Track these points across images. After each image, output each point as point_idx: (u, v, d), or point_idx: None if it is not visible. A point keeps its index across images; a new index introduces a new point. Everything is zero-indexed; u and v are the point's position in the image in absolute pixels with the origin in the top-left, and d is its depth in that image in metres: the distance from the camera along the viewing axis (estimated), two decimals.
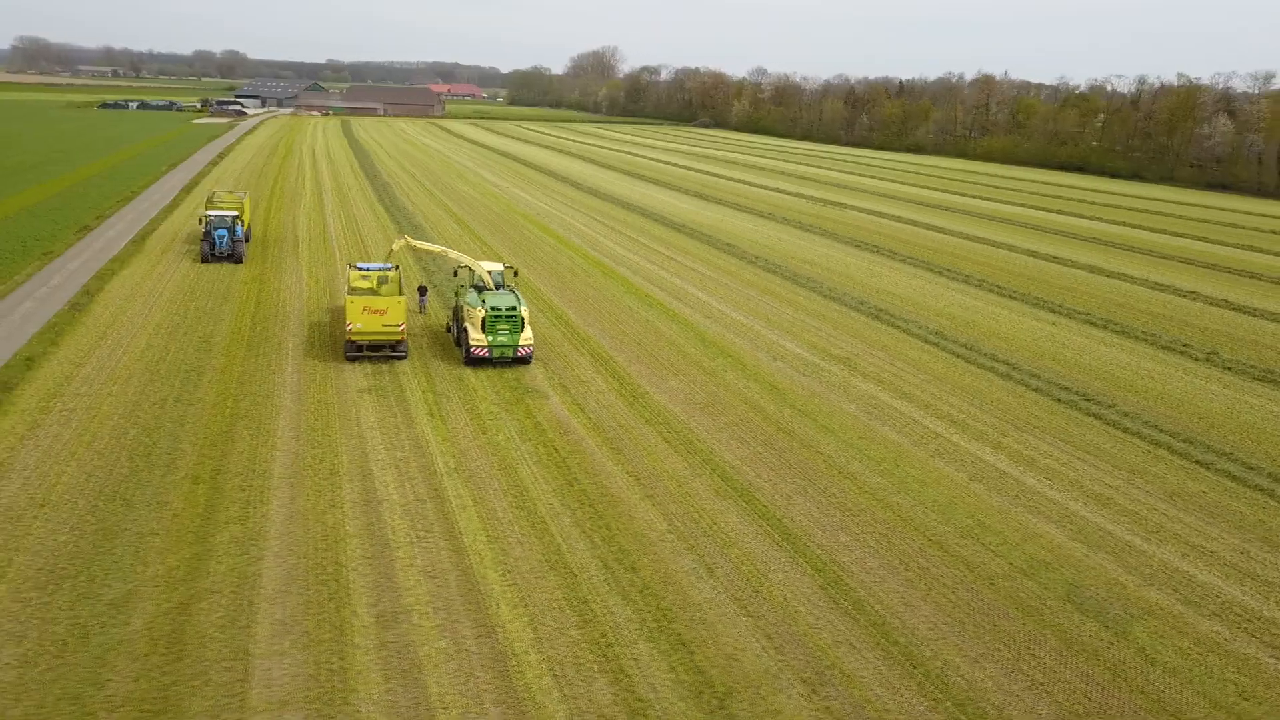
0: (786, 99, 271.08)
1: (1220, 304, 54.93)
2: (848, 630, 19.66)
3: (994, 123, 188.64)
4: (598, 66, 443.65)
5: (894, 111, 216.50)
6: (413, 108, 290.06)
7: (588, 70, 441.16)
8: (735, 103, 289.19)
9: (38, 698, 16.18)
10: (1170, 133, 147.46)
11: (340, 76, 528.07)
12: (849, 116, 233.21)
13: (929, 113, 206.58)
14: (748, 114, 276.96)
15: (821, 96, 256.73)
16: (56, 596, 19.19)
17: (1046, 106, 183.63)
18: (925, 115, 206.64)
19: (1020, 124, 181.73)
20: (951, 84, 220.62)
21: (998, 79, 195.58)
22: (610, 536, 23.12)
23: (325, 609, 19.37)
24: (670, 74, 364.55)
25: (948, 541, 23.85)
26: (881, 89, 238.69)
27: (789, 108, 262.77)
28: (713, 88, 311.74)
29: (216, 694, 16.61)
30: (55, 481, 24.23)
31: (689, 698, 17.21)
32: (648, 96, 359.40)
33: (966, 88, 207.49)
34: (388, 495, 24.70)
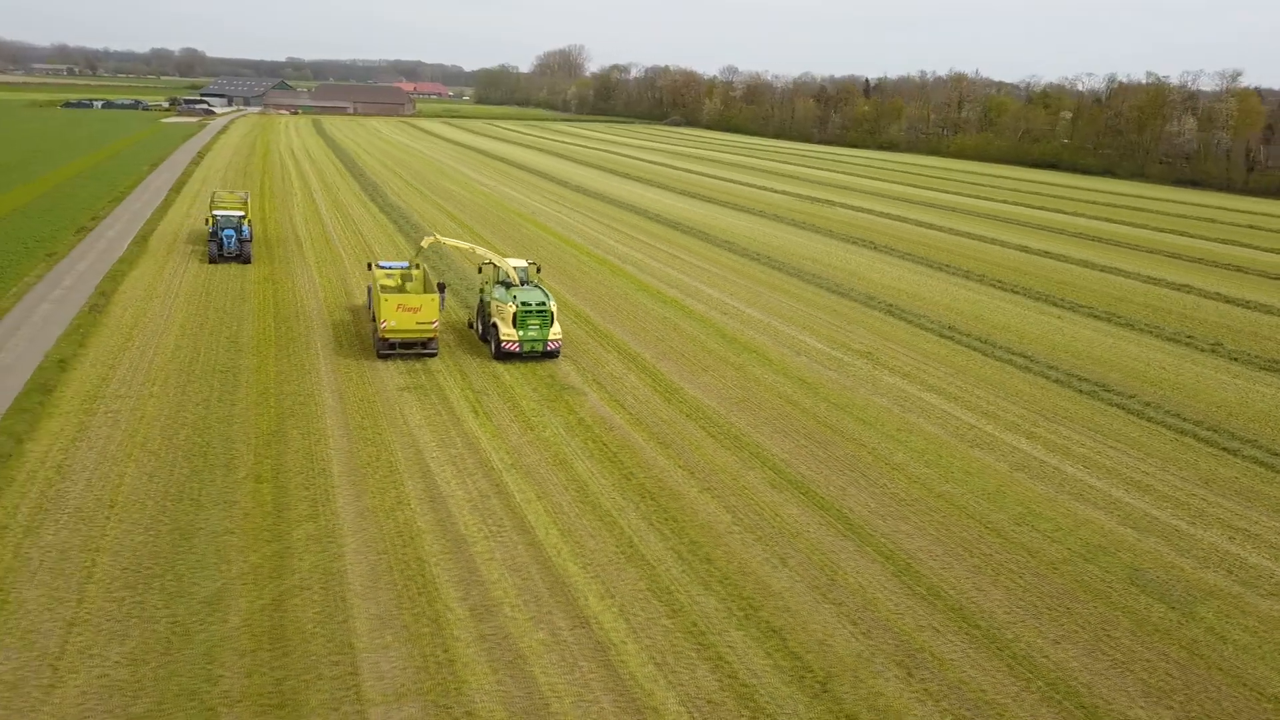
0: (758, 97, 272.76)
1: (1214, 297, 56.35)
2: (928, 615, 20.18)
3: (966, 121, 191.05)
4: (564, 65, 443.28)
5: (866, 110, 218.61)
6: (383, 106, 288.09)
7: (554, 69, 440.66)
8: (707, 101, 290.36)
9: (155, 694, 16.25)
10: (1140, 130, 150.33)
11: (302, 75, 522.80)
12: (821, 115, 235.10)
13: (901, 111, 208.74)
14: (719, 112, 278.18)
15: (793, 95, 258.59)
16: (148, 595, 19.21)
17: (1017, 105, 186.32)
18: (898, 113, 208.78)
19: (992, 122, 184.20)
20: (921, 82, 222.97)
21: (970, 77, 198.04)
22: (679, 529, 23.48)
23: (417, 603, 19.56)
24: (640, 72, 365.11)
25: (1003, 528, 24.48)
26: (852, 87, 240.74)
27: (761, 106, 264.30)
28: (684, 86, 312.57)
29: (330, 687, 16.77)
30: (118, 483, 24.15)
31: (791, 682, 17.63)
32: (618, 95, 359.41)
33: (931, 86, 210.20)
34: (451, 492, 24.88)
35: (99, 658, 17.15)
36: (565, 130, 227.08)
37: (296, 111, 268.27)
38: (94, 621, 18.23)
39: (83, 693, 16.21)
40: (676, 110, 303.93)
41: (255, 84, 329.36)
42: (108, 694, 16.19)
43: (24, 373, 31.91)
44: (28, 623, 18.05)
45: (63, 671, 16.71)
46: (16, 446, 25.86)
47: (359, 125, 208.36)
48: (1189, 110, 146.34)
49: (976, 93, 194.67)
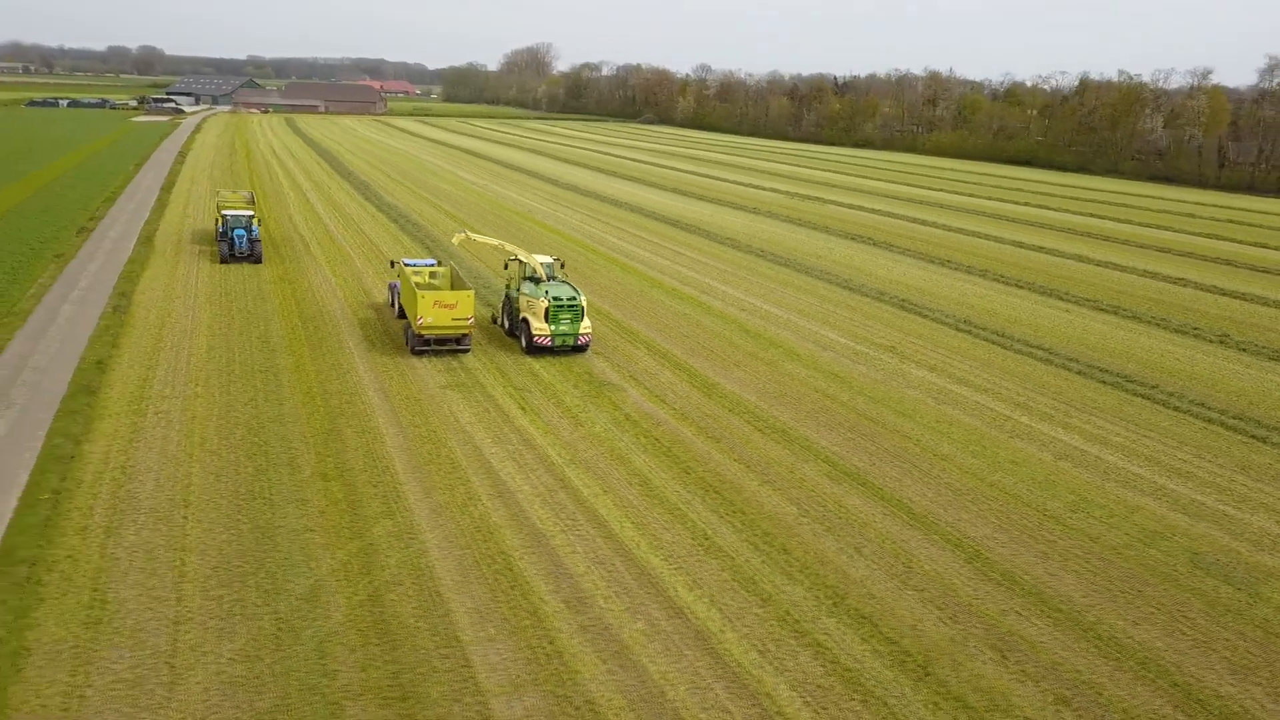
0: (731, 96, 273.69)
1: (1211, 290, 57.66)
2: (1007, 600, 20.70)
3: (940, 119, 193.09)
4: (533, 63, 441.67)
5: (839, 108, 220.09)
6: (354, 105, 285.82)
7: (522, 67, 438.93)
8: (680, 100, 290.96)
9: (277, 690, 16.35)
10: (1113, 127, 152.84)
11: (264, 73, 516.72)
12: (794, 113, 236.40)
13: (876, 109, 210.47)
14: (693, 111, 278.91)
15: (766, 93, 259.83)
16: (245, 593, 19.26)
17: (991, 103, 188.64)
18: (872, 111, 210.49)
19: (966, 120, 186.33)
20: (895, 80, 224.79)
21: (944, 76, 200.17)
22: (748, 521, 23.84)
23: (511, 597, 19.76)
24: (612, 71, 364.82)
25: (1061, 516, 25.09)
26: (825, 85, 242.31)
27: (734, 104, 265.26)
28: (656, 85, 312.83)
29: (447, 679, 16.95)
30: (187, 482, 24.09)
31: (893, 666, 18.05)
32: (589, 93, 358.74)
33: (905, 83, 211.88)
34: (518, 487, 25.06)
35: (212, 655, 17.21)
36: (541, 129, 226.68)
37: (267, 110, 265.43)
38: (198, 619, 18.27)
39: (205, 689, 16.28)
40: (649, 109, 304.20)
41: (223, 83, 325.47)
42: (230, 690, 16.27)
43: (63, 373, 31.63)
44: (133, 621, 18.05)
45: (180, 669, 16.76)
46: (76, 448, 25.70)
47: (333, 124, 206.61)
48: (1160, 108, 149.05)
49: (950, 91, 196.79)
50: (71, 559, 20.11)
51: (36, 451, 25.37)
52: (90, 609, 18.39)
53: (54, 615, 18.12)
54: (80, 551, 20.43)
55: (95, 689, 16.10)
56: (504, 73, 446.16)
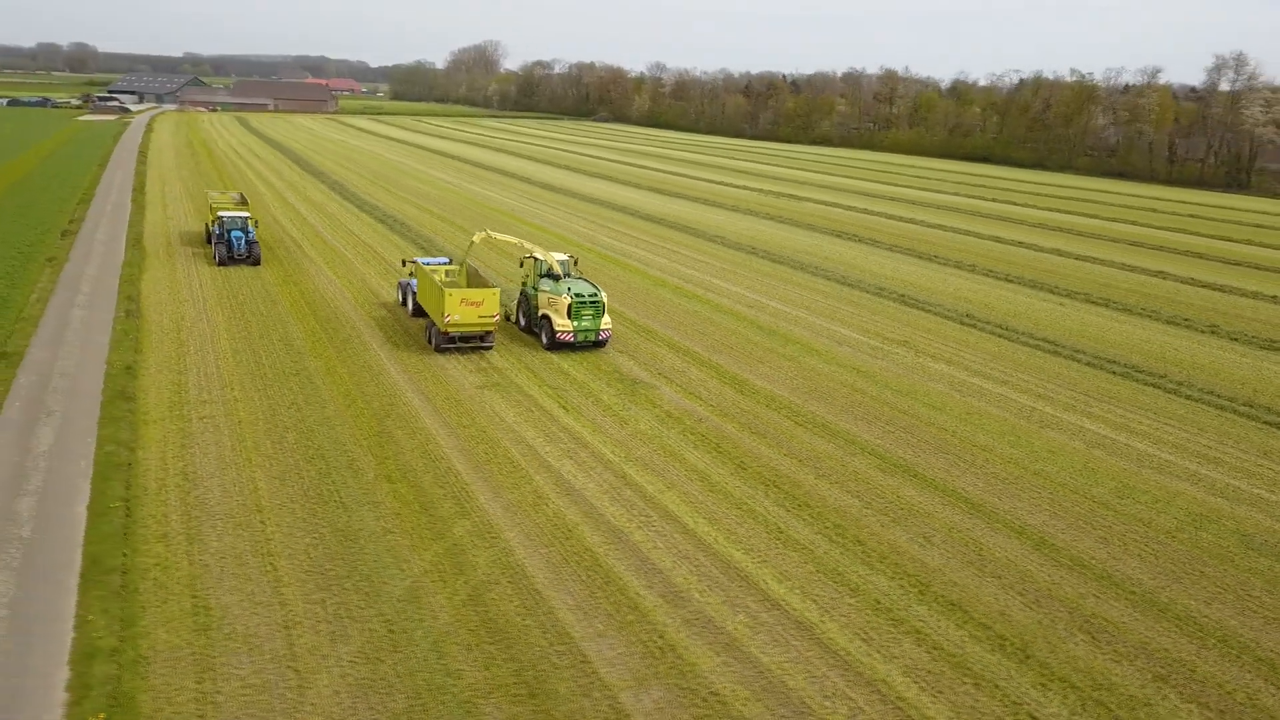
0: (686, 94, 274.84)
1: (1189, 282, 59.61)
2: (1081, 584, 21.42)
3: (897, 117, 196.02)
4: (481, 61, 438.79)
5: (796, 106, 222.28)
6: (305, 103, 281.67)
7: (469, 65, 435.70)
8: (636, 98, 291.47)
9: (406, 691, 16.41)
10: (1066, 125, 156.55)
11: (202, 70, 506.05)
12: (751, 110, 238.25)
13: (832, 107, 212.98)
14: (648, 109, 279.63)
15: (722, 91, 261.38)
16: (346, 596, 19.23)
17: (946, 101, 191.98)
18: (829, 109, 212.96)
19: (922, 118, 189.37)
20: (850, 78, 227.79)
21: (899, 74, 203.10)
22: (816, 514, 24.31)
23: (608, 593, 19.98)
24: (564, 69, 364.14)
25: (1109, 502, 25.96)
26: (781, 84, 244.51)
27: (690, 102, 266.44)
28: (611, 83, 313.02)
29: (570, 675, 17.14)
30: (253, 487, 23.89)
31: (994, 650, 18.64)
32: (541, 91, 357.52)
33: (850, 82, 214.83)
34: (582, 485, 25.24)
35: (332, 658, 17.20)
36: (498, 127, 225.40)
37: (215, 109, 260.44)
38: (307, 623, 18.23)
39: (334, 691, 16.28)
40: (604, 107, 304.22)
41: (166, 80, 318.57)
42: (360, 692, 16.30)
43: (93, 379, 31.06)
44: (242, 627, 17.95)
45: (304, 673, 16.73)
46: (131, 455, 25.33)
47: (286, 122, 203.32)
48: (1112, 106, 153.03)
49: (906, 88, 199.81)
50: (161, 566, 19.89)
51: (91, 459, 24.95)
52: (195, 615, 18.24)
53: (160, 623, 17.94)
54: (167, 559, 20.22)
55: (225, 695, 16.02)
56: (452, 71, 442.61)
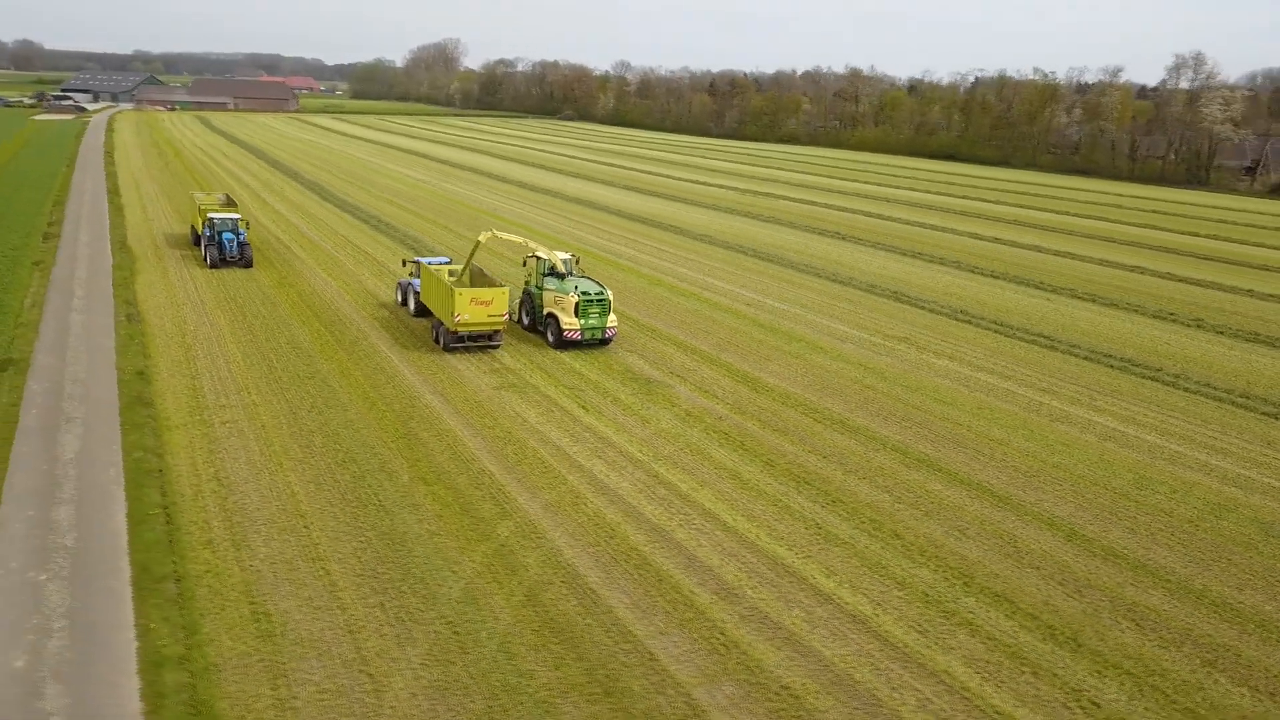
0: (651, 92, 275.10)
1: (1166, 276, 61.00)
2: (1118, 574, 21.97)
3: (863, 115, 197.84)
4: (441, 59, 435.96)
5: (763, 104, 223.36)
6: (266, 102, 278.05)
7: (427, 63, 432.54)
8: (600, 97, 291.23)
9: (483, 691, 16.47)
10: (1030, 123, 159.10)
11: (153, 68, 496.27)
12: (716, 109, 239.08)
13: (798, 105, 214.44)
14: (613, 108, 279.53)
15: (687, 90, 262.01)
16: (403, 599, 19.22)
17: (911, 100, 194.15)
18: (795, 108, 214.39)
19: (888, 116, 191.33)
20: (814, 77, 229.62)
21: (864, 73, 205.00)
22: (851, 510, 24.66)
23: (663, 591, 20.15)
24: (528, 67, 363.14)
25: (1129, 493, 26.61)
26: (746, 82, 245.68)
27: (656, 101, 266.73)
28: (575, 81, 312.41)
29: (640, 673, 17.29)
30: (289, 492, 23.74)
31: (1046, 640, 19.08)
32: (505, 90, 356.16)
33: (815, 80, 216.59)
34: (616, 484, 25.38)
35: (402, 661, 17.21)
36: (464, 125, 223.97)
37: (173, 108, 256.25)
38: (370, 627, 18.20)
39: (412, 694, 16.30)
40: (568, 105, 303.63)
41: (122, 79, 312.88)
42: (438, 694, 16.33)
43: (106, 385, 30.61)
44: (306, 632, 17.89)
45: (378, 676, 16.72)
46: (159, 461, 25.05)
47: (248, 121, 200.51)
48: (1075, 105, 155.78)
49: (872, 88, 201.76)
50: (212, 573, 19.73)
51: (120, 466, 24.63)
52: (257, 622, 18.13)
53: (223, 629, 17.82)
54: (217, 565, 20.06)
55: (302, 700, 15.98)
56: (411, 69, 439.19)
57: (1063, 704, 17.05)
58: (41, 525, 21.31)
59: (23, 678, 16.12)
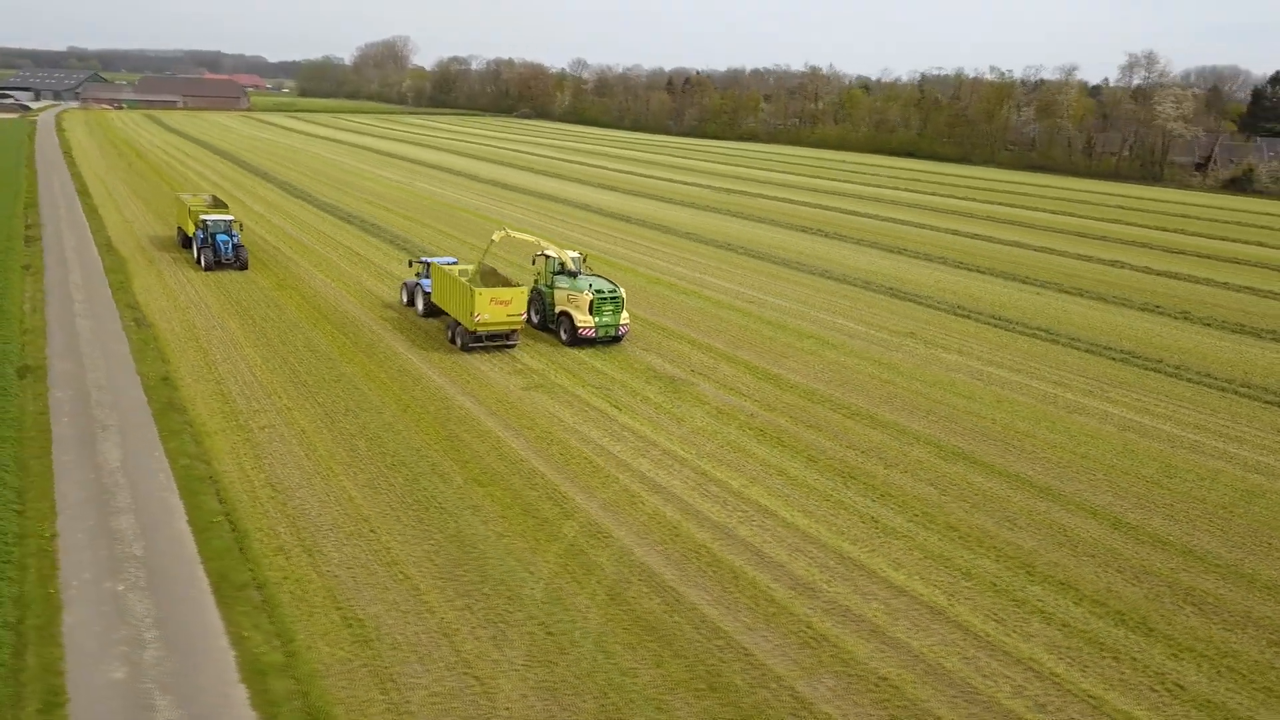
0: (609, 90, 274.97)
1: (1144, 271, 62.65)
2: (1168, 559, 22.67)
3: (822, 113, 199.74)
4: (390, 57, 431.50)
5: (722, 103, 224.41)
6: (216, 100, 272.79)
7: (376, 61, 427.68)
8: (558, 94, 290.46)
9: (593, 691, 16.57)
10: (988, 120, 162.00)
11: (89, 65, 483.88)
12: (676, 107, 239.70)
13: (757, 103, 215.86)
14: (571, 106, 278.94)
15: (646, 88, 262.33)
16: (490, 601, 19.24)
17: (870, 98, 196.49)
18: (754, 106, 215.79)
19: (847, 114, 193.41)
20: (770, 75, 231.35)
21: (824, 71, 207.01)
22: (901, 503, 25.11)
23: (740, 587, 20.40)
24: (482, 65, 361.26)
25: (1161, 482, 27.42)
26: (707, 81, 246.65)
27: (614, 99, 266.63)
28: (531, 79, 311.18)
29: (741, 668, 17.52)
30: (347, 497, 23.59)
31: (1118, 625, 19.67)
32: (459, 88, 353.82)
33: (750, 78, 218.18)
34: (668, 483, 25.56)
35: (504, 662, 17.26)
36: (421, 124, 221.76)
37: (121, 106, 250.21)
38: (464, 630, 18.21)
39: (523, 695, 16.37)
40: (525, 103, 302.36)
41: (65, 77, 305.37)
42: (549, 694, 16.42)
43: (131, 392, 30.09)
44: (402, 636, 17.85)
45: (484, 679, 16.75)
46: (208, 468, 24.73)
47: (202, 121, 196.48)
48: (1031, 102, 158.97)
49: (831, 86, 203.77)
50: (292, 580, 19.57)
51: (169, 473, 24.27)
52: (349, 627, 18.04)
53: (316, 636, 17.70)
54: (294, 572, 19.89)
55: (415, 704, 15.96)
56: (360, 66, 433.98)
57: (1149, 687, 17.62)
58: (104, 535, 20.95)
59: (127, 690, 15.90)
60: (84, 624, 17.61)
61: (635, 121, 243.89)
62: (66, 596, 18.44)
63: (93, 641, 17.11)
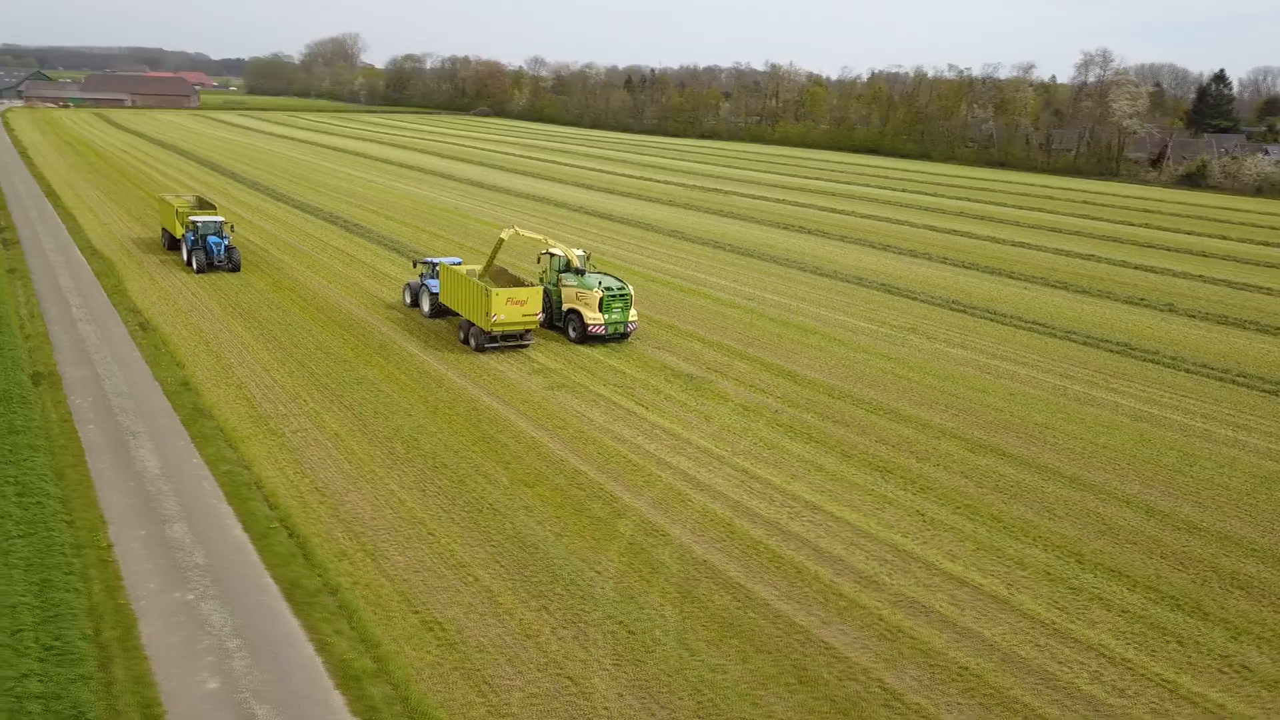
0: (568, 88, 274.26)
1: (1121, 265, 64.14)
2: (1206, 545, 23.34)
3: (783, 111, 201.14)
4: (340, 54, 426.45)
5: (682, 100, 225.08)
6: (165, 98, 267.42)
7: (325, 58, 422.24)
8: (515, 92, 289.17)
9: (685, 688, 16.67)
10: (948, 118, 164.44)
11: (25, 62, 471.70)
12: (635, 105, 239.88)
13: (718, 101, 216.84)
14: (529, 103, 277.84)
15: (605, 86, 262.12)
16: (562, 601, 19.25)
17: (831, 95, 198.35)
18: (715, 104, 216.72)
19: (809, 111, 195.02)
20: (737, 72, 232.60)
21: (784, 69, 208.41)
22: (941, 496, 25.53)
23: (805, 581, 20.63)
24: (437, 63, 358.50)
25: (1182, 469, 28.18)
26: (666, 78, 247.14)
27: (573, 97, 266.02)
28: (489, 77, 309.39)
29: (826, 662, 17.73)
30: (397, 500, 23.43)
31: (1174, 610, 20.23)
32: (414, 86, 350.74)
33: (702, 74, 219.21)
34: (710, 480, 25.72)
35: (594, 663, 17.30)
36: (382, 122, 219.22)
37: (66, 104, 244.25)
38: (546, 630, 18.21)
39: (619, 694, 16.43)
40: (482, 101, 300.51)
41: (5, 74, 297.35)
42: (644, 692, 16.49)
43: (153, 398, 29.54)
44: (486, 639, 17.81)
45: (577, 679, 16.80)
46: (250, 473, 24.41)
47: (154, 119, 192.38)
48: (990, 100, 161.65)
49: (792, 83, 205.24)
50: (362, 585, 19.41)
51: (211, 480, 23.89)
52: (431, 631, 17.96)
53: (400, 640, 17.59)
54: (363, 577, 19.73)
55: (515, 705, 15.95)
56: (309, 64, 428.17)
57: (1218, 669, 18.17)
58: (161, 544, 20.59)
59: (224, 699, 15.68)
60: (162, 634, 17.31)
61: (595, 120, 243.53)
62: (138, 607, 18.11)
63: (176, 652, 16.83)
